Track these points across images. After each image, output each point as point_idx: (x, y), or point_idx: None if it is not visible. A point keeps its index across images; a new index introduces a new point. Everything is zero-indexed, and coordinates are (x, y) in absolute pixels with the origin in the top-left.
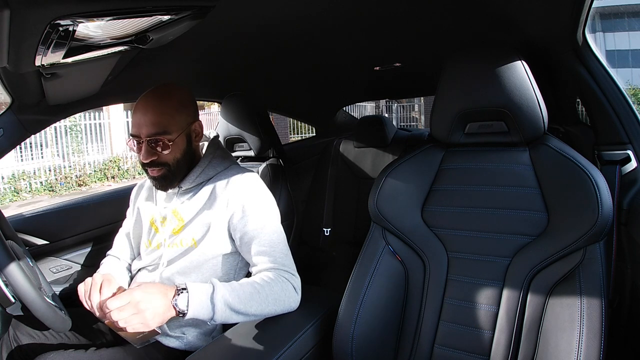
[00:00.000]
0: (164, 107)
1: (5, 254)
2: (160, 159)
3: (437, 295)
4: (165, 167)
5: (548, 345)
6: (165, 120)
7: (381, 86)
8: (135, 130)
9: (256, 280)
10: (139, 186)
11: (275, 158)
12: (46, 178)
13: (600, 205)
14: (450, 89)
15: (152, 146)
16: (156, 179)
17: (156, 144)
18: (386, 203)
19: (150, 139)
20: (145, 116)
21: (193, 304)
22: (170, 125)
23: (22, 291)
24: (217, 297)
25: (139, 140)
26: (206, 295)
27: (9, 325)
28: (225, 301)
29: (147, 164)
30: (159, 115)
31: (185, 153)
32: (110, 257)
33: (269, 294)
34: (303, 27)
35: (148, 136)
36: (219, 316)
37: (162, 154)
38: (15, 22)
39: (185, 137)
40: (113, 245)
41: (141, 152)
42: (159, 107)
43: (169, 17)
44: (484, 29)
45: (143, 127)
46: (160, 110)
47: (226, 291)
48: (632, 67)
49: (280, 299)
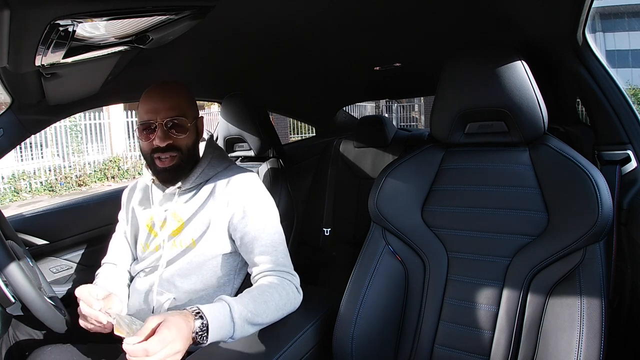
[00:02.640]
0: (180, 94)
1: (5, 254)
2: (176, 143)
3: (437, 295)
4: (179, 153)
5: (548, 345)
6: (183, 105)
7: (381, 86)
8: (150, 115)
9: (265, 290)
10: (130, 189)
11: (275, 158)
12: (46, 178)
13: (600, 205)
14: (450, 89)
15: (168, 129)
16: (166, 170)
17: (173, 126)
18: (386, 203)
19: (169, 121)
20: (164, 101)
21: (213, 329)
22: (186, 111)
23: (22, 291)
24: (235, 315)
25: (153, 124)
26: (224, 316)
27: (9, 325)
28: (244, 317)
29: (163, 148)
30: (178, 100)
31: (194, 144)
32: (106, 265)
33: (278, 300)
34: (303, 27)
35: (166, 118)
36: (238, 333)
37: (178, 138)
38: (15, 22)
39: (194, 129)
40: (108, 252)
41: (154, 137)
42: (175, 94)
43: (169, 17)
44: (484, 29)
45: (161, 111)
46: (178, 96)
47: (242, 307)
48: (632, 67)
49: (288, 302)
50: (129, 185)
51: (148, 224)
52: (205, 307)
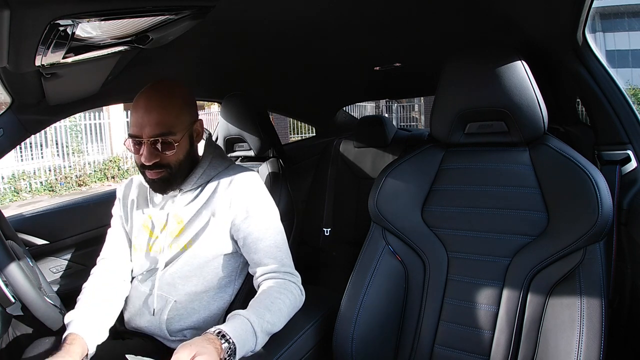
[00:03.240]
0: (169, 105)
1: (5, 254)
2: (163, 161)
3: (437, 295)
4: (166, 169)
5: (548, 345)
6: (170, 120)
7: (381, 86)
8: (136, 130)
9: (277, 297)
10: (126, 185)
11: (275, 158)
12: (46, 178)
13: (600, 205)
14: (450, 89)
15: (155, 147)
16: (155, 182)
17: (160, 144)
18: (386, 203)
19: (154, 140)
20: (149, 115)
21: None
22: (175, 125)
23: (22, 291)
24: (257, 330)
25: (139, 140)
26: (247, 333)
27: (9, 325)
28: (265, 330)
29: (149, 166)
30: (164, 114)
31: (188, 154)
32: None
33: (289, 305)
34: (303, 27)
35: (151, 136)
36: (259, 347)
37: (165, 156)
38: (15, 22)
39: (188, 137)
40: (104, 247)
41: (141, 153)
42: (163, 105)
43: (169, 17)
44: (484, 29)
45: (146, 127)
46: (165, 110)
47: (261, 319)
48: (632, 67)
49: (296, 306)
50: (124, 181)
51: (145, 224)
52: (228, 327)
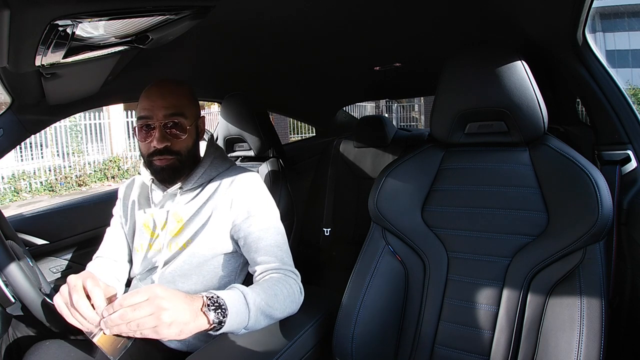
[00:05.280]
0: (181, 92)
1: (5, 254)
2: (174, 146)
3: (437, 295)
4: (176, 156)
5: (548, 345)
6: (183, 104)
7: (381, 86)
8: (148, 112)
9: (274, 283)
10: (127, 185)
11: (275, 158)
12: (46, 178)
13: (600, 205)
14: (450, 89)
15: (167, 131)
16: (164, 169)
17: (173, 127)
18: (386, 203)
19: (167, 122)
20: (163, 99)
21: (231, 314)
22: (186, 110)
23: (22, 291)
24: (250, 301)
25: (151, 124)
26: (239, 302)
27: (9, 325)
28: (258, 306)
29: (160, 150)
30: (177, 98)
31: (194, 145)
32: (98, 259)
33: (286, 295)
34: (303, 27)
35: (165, 118)
36: (252, 323)
37: (176, 141)
38: (15, 22)
39: (195, 128)
40: (101, 245)
41: (152, 138)
42: (175, 91)
43: (169, 17)
44: (484, 29)
45: (160, 109)
46: (177, 94)
47: (255, 295)
48: (632, 67)
49: (293, 301)
50: (126, 181)
51: (146, 224)
52: (219, 291)
